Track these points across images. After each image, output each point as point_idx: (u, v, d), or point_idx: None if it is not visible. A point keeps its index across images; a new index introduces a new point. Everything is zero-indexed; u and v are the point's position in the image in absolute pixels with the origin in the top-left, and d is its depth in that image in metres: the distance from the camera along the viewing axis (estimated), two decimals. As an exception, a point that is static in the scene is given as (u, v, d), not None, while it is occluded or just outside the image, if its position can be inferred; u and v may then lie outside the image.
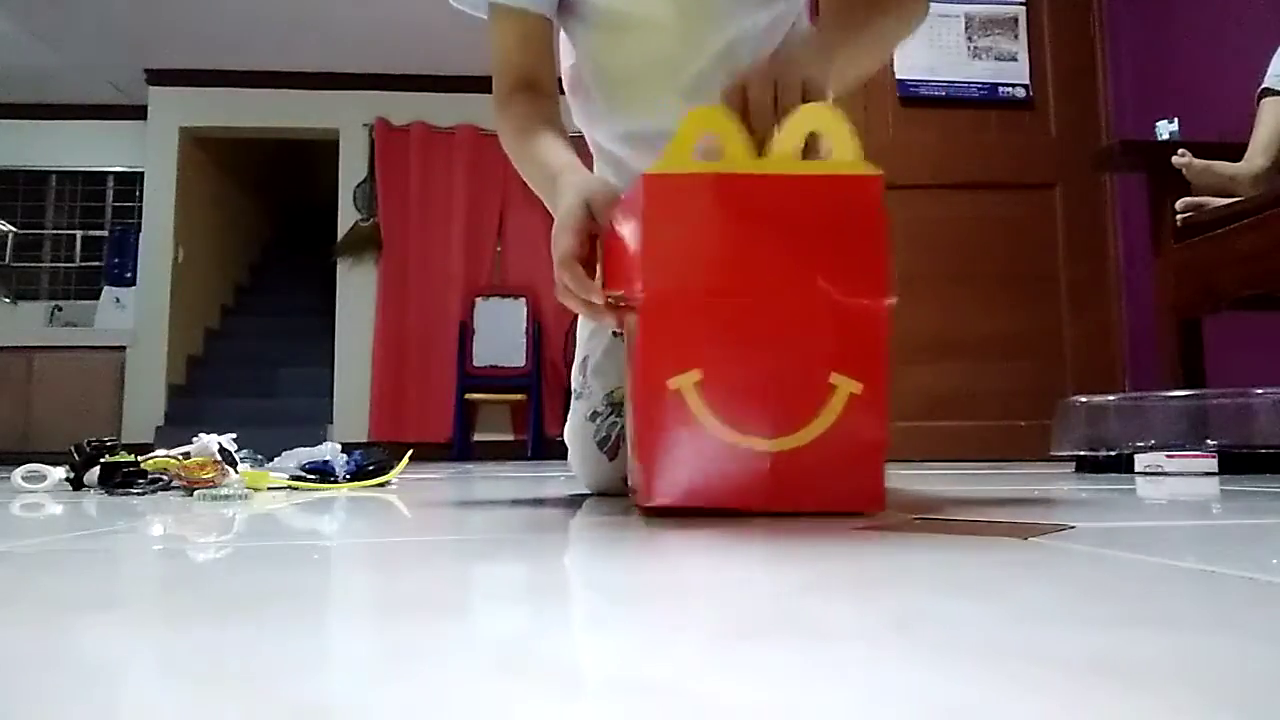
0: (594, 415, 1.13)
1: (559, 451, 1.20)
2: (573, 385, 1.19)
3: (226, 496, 1.13)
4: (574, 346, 1.25)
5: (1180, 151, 1.87)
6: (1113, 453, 1.60)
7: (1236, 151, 1.86)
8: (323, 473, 1.36)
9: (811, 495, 0.72)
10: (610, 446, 1.11)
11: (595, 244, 0.85)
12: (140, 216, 5.42)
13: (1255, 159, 1.82)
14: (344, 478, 1.36)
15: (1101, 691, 0.23)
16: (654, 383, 0.73)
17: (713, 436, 0.72)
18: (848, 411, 0.70)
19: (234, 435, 1.30)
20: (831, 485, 0.72)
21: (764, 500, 0.72)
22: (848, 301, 0.71)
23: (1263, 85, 1.87)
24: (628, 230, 0.77)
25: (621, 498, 1.04)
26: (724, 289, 0.73)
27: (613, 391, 1.12)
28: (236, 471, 1.24)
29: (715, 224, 0.74)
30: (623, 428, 1.05)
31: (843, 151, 0.75)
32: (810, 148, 0.76)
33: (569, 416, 1.19)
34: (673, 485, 0.73)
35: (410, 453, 1.75)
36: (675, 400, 0.72)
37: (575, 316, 1.20)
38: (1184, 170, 1.86)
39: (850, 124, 0.75)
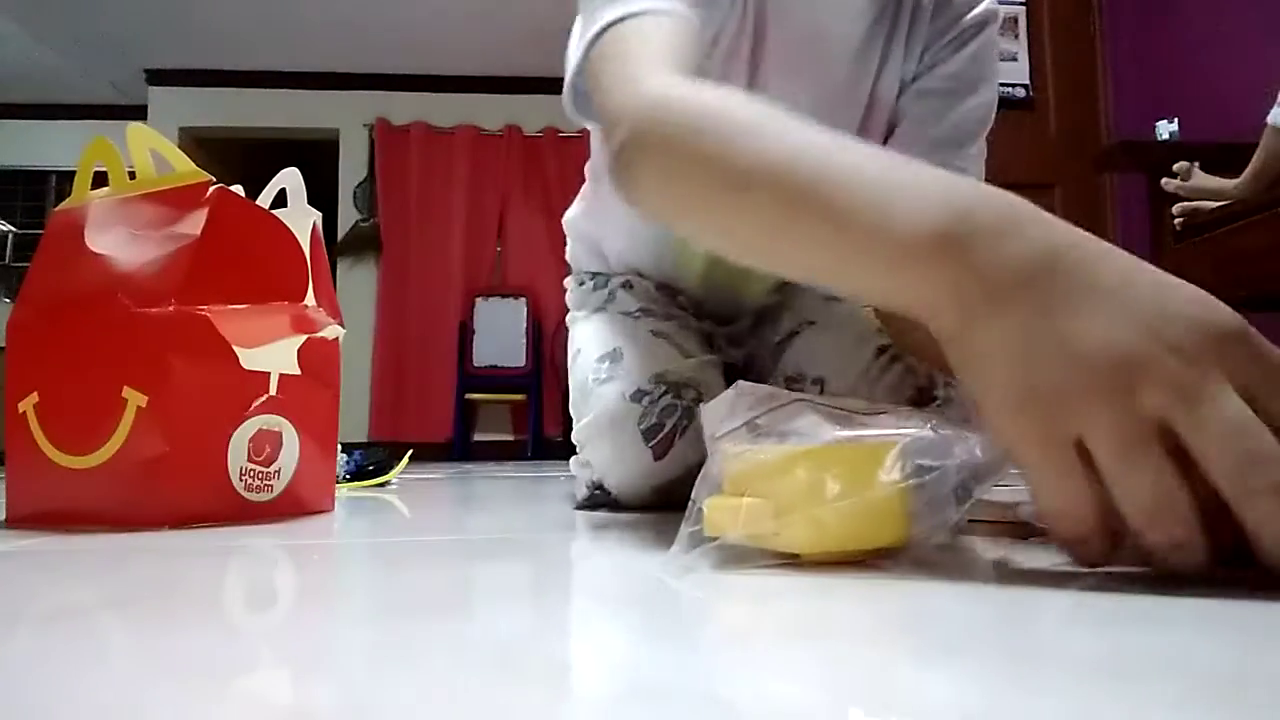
0: (638, 394, 0.84)
1: (559, 452, 1.19)
2: (583, 377, 0.91)
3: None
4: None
5: (1175, 168, 1.88)
6: None
7: (1236, 152, 1.86)
8: (323, 473, 1.35)
9: (142, 510, 0.70)
10: (662, 440, 0.83)
11: None
12: (140, 216, 5.42)
13: (1247, 183, 1.82)
14: (344, 478, 1.36)
15: (1102, 691, 0.23)
16: (11, 407, 0.77)
17: (45, 456, 0.73)
18: (137, 426, 0.70)
19: (234, 435, 1.29)
20: (130, 500, 0.70)
21: (108, 518, 0.70)
22: (138, 312, 0.72)
23: (1269, 118, 1.80)
24: None
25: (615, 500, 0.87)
26: (49, 309, 0.76)
27: (664, 372, 0.86)
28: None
29: (63, 250, 0.78)
30: (683, 418, 0.83)
31: (177, 162, 0.80)
32: None
33: (578, 409, 0.91)
34: (25, 505, 0.75)
35: (410, 453, 1.75)
36: (23, 422, 0.75)
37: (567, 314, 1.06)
38: (1178, 192, 1.87)
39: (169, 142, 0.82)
